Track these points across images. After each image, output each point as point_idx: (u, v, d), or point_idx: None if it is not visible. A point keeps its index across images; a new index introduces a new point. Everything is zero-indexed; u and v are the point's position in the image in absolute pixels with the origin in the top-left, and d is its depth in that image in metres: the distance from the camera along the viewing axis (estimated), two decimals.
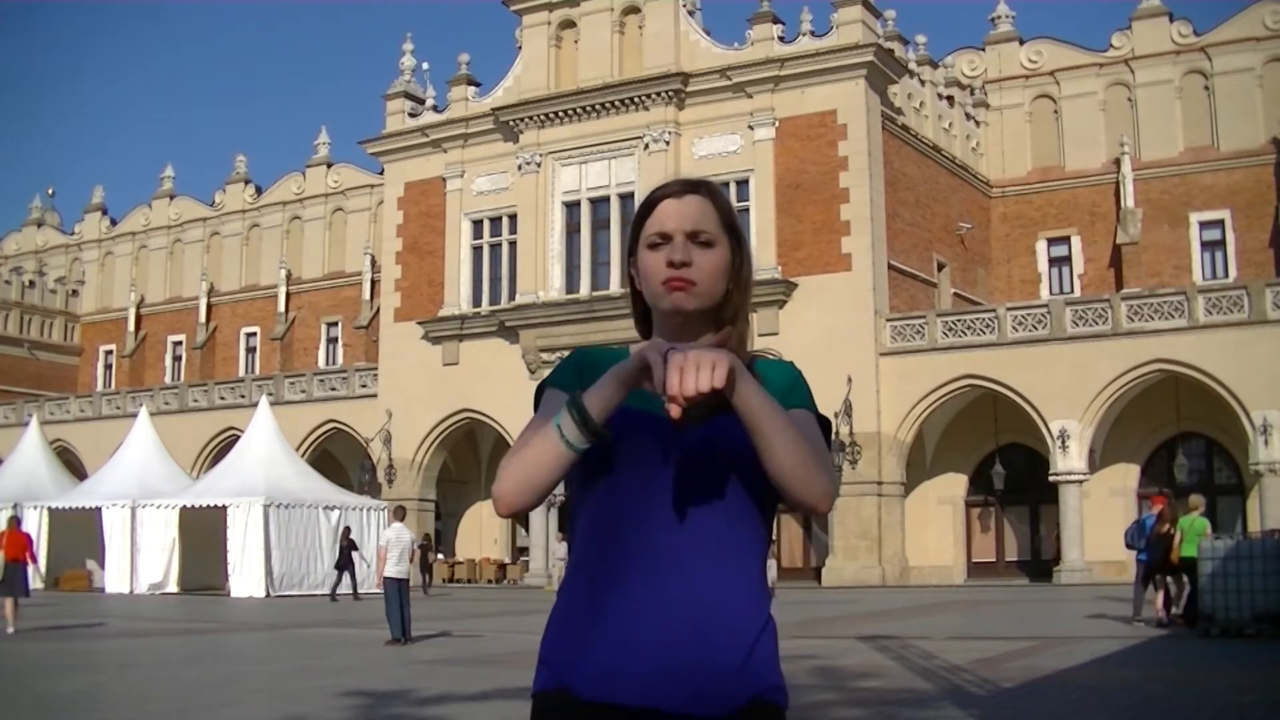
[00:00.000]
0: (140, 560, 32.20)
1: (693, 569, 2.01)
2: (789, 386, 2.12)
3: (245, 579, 30.46)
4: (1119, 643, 14.36)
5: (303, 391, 44.02)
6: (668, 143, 37.06)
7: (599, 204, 38.34)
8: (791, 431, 1.95)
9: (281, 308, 52.73)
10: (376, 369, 42.51)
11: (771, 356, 2.16)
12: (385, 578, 16.48)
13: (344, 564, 29.72)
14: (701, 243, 2.10)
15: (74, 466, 44.56)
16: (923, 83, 40.12)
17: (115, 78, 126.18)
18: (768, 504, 2.09)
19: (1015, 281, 42.73)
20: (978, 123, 43.14)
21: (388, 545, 16.80)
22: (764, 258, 35.70)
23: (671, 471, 2.03)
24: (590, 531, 2.09)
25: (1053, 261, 42.80)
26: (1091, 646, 13.80)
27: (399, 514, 17.96)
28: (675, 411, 1.84)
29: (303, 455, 38.83)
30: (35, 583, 23.56)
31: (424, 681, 11.22)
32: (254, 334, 54.17)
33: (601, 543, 2.06)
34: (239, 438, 35.99)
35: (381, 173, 45.19)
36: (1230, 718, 8.91)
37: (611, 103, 37.83)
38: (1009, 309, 34.11)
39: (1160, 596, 17.36)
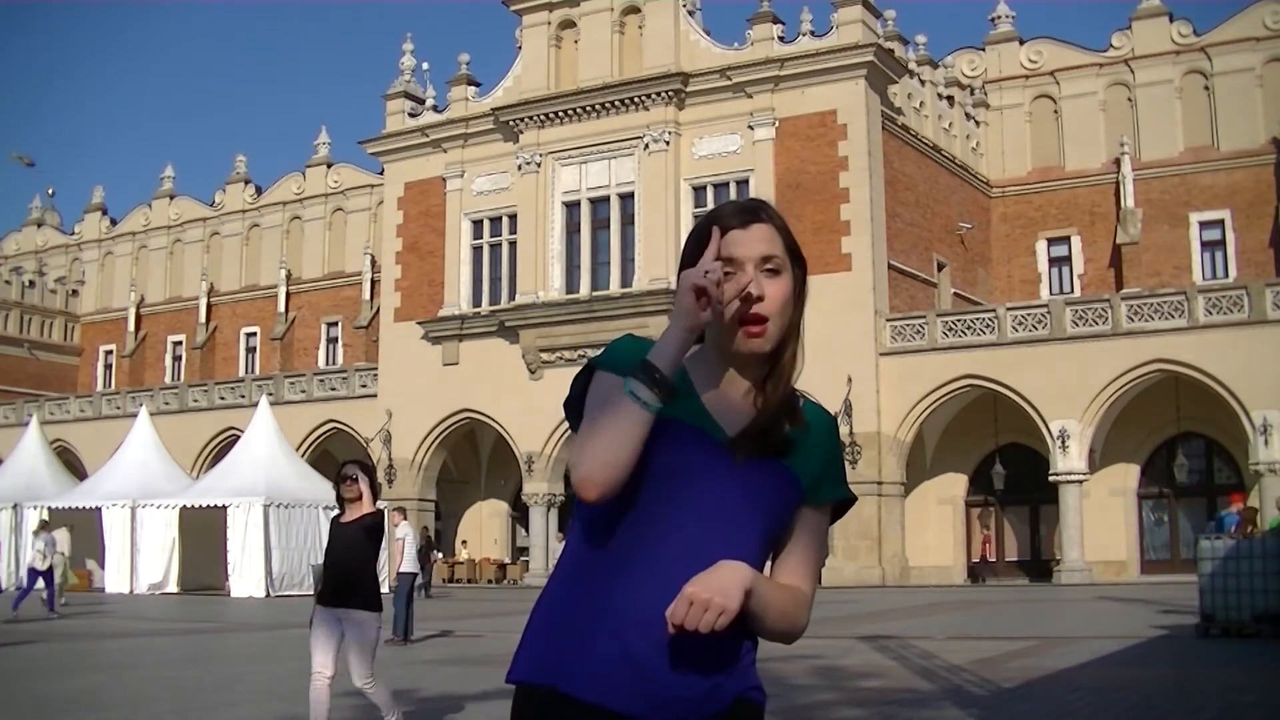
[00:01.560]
0: (140, 560, 32.18)
1: None
2: (832, 458, 2.16)
3: (245, 579, 30.45)
4: (1119, 643, 14.35)
5: (303, 391, 44.01)
6: (668, 143, 37.05)
7: (599, 204, 38.32)
8: (784, 621, 2.07)
9: (281, 308, 52.73)
10: (376, 369, 42.50)
11: (811, 399, 2.19)
12: (400, 573, 16.58)
13: (424, 561, 29.86)
14: (770, 270, 2.07)
15: (74, 466, 44.54)
16: (923, 83, 40.11)
17: (115, 78, 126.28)
18: (774, 541, 2.14)
19: (1015, 281, 42.72)
20: (978, 123, 43.13)
21: (404, 542, 16.92)
22: None
23: (714, 493, 2.03)
24: (603, 534, 2.06)
25: (1053, 261, 42.79)
26: (1092, 646, 13.80)
27: (404, 514, 18.13)
28: (671, 631, 1.93)
29: (303, 455, 38.81)
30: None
31: (424, 681, 11.22)
32: (254, 334, 54.16)
33: (613, 547, 2.04)
34: (239, 438, 35.96)
35: (381, 173, 45.17)
36: (1230, 718, 8.91)
37: (611, 103, 37.82)
38: (1009, 309, 34.10)
39: None
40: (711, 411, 2.08)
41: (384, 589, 23.55)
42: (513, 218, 39.65)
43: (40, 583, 22.42)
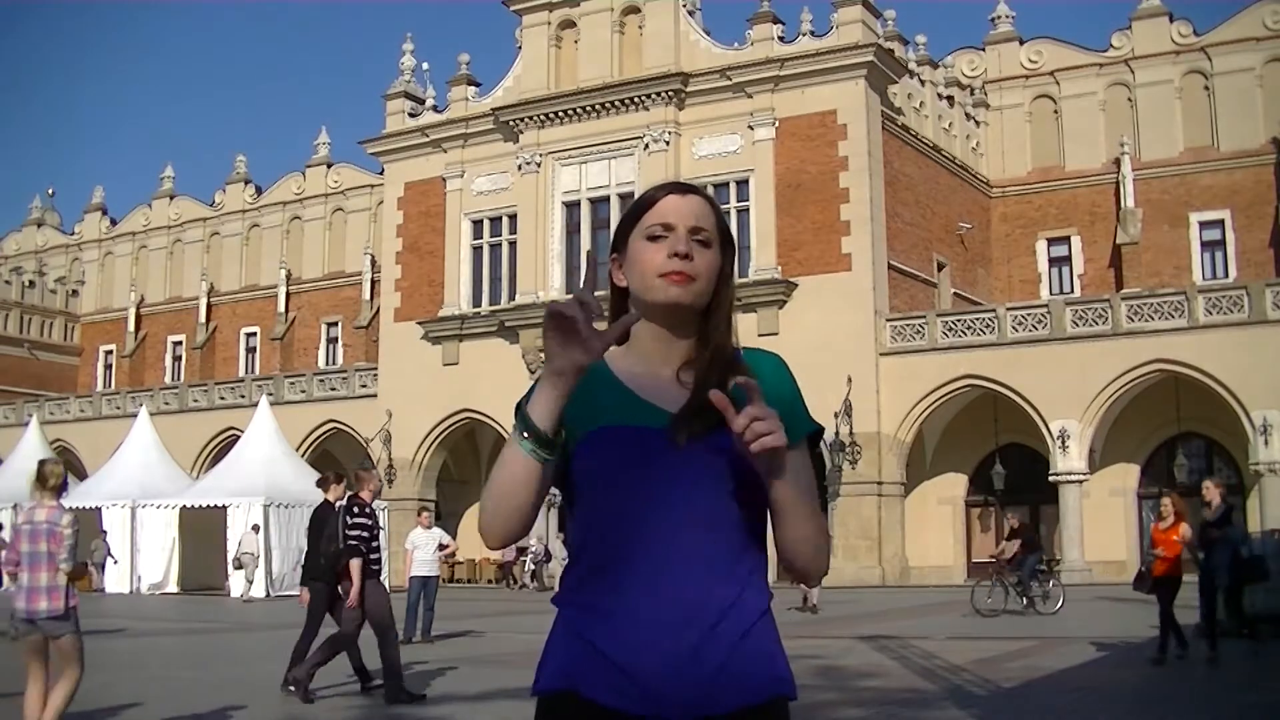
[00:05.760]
0: (140, 560, 32.18)
1: (692, 575, 2.00)
2: (788, 398, 2.10)
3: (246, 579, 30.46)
4: (1119, 643, 14.35)
5: (303, 391, 44.01)
6: (668, 143, 37.05)
7: (599, 204, 38.32)
8: (816, 521, 2.05)
9: (281, 308, 52.72)
10: (376, 369, 42.51)
11: (763, 350, 2.18)
12: (410, 577, 16.62)
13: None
14: (700, 241, 2.11)
15: (74, 466, 44.51)
16: (923, 83, 40.11)
17: (115, 78, 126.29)
18: (763, 510, 2.09)
19: (1015, 281, 42.71)
20: (978, 123, 43.13)
21: (414, 549, 16.93)
22: (764, 258, 35.71)
23: (669, 483, 2.02)
24: (590, 543, 2.08)
25: (1053, 261, 42.79)
26: (1091, 647, 13.80)
27: (421, 515, 18.00)
28: (756, 447, 1.90)
29: (303, 455, 38.78)
30: None
31: (424, 681, 11.22)
32: (254, 334, 54.15)
33: (602, 554, 2.05)
34: (239, 438, 35.96)
35: (381, 173, 45.18)
36: (1230, 718, 8.92)
37: (611, 103, 37.82)
38: (1009, 309, 34.10)
39: None
40: (643, 396, 2.09)
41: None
42: (513, 218, 39.66)
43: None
